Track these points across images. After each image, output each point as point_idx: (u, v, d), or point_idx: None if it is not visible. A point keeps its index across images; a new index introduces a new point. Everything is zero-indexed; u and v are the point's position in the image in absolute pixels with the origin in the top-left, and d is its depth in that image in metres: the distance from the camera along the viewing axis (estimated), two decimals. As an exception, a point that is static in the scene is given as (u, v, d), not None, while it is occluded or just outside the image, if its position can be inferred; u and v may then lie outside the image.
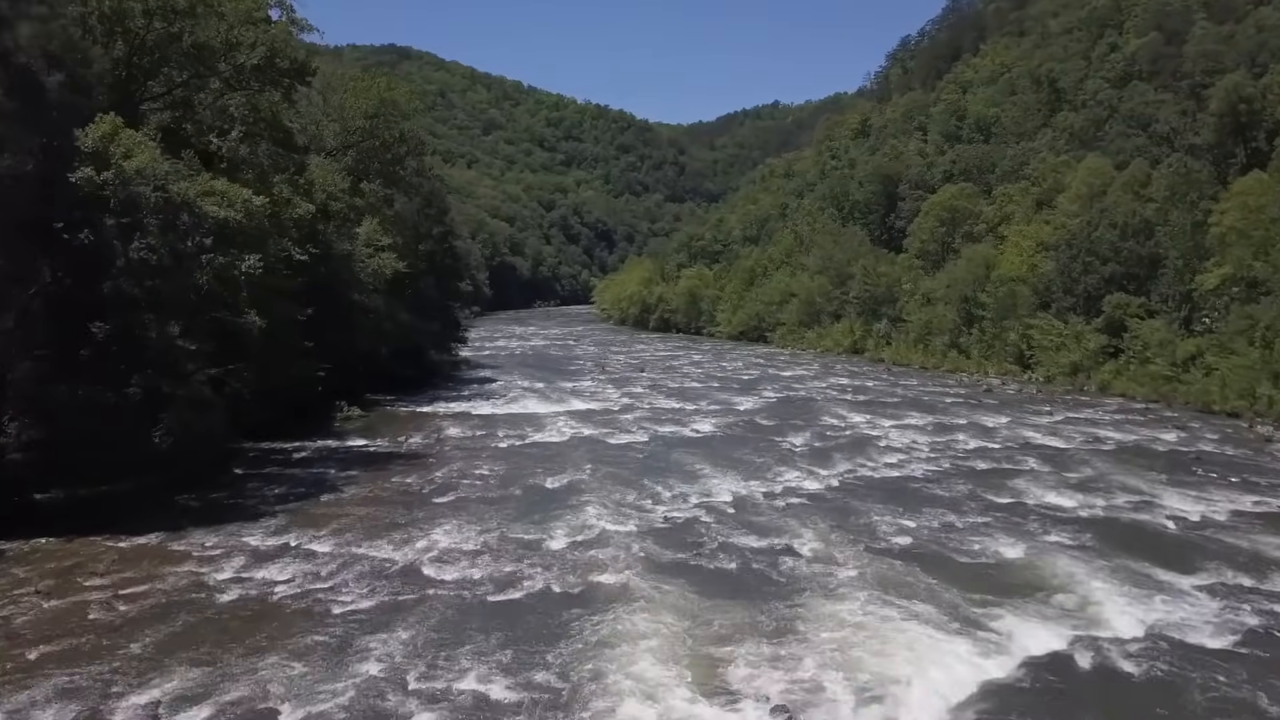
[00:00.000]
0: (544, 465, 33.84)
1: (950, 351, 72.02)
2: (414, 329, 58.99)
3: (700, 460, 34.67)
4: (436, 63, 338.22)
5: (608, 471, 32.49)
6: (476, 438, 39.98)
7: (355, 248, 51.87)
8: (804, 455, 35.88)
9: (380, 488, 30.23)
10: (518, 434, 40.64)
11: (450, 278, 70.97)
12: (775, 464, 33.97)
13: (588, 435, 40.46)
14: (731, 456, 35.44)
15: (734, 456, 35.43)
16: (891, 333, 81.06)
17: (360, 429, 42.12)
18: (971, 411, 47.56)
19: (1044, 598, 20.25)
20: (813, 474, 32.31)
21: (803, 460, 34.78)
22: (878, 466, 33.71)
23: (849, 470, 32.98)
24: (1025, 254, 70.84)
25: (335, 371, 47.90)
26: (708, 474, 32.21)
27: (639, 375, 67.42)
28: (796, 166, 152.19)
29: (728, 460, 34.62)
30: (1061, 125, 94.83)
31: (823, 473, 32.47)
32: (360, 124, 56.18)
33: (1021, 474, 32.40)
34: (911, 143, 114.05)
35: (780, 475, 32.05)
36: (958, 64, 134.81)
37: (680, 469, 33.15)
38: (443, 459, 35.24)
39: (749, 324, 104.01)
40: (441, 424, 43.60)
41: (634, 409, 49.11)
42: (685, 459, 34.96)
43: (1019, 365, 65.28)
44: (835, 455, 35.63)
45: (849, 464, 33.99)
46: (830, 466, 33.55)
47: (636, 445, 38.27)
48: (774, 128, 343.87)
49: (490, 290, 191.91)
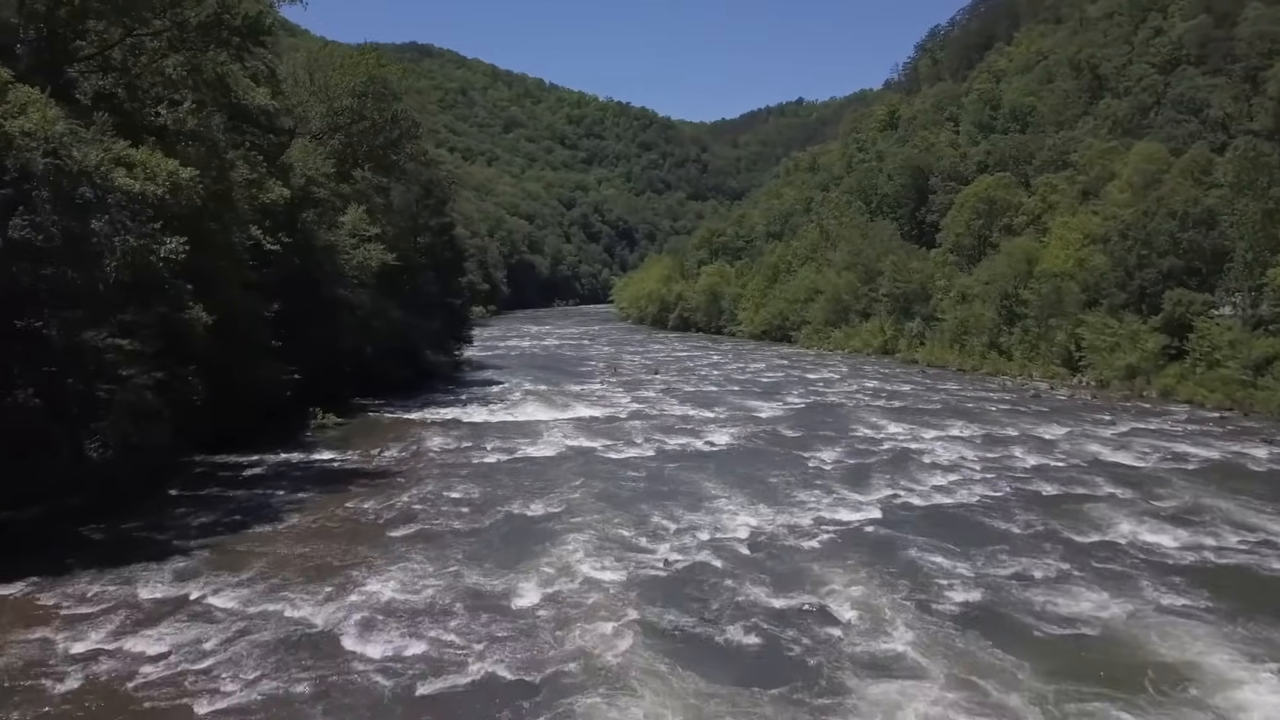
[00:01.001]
0: (530, 486, 28.85)
1: (990, 352, 66.76)
2: (408, 327, 54.26)
3: (713, 481, 29.57)
4: (458, 60, 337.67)
5: (603, 495, 27.48)
6: (461, 450, 35.05)
7: (339, 238, 47.15)
8: (835, 475, 30.66)
9: (330, 515, 25.34)
10: (508, 446, 35.69)
11: (452, 273, 66.14)
12: (802, 486, 28.82)
13: (586, 448, 35.43)
14: (750, 476, 30.31)
15: (753, 476, 30.30)
16: (925, 332, 75.99)
17: (333, 439, 37.29)
18: (1022, 420, 42.23)
19: (1166, 688, 15.06)
20: (847, 500, 27.12)
21: (834, 481, 29.57)
22: (924, 490, 28.39)
23: (890, 495, 27.72)
24: (1071, 247, 65.43)
25: (316, 373, 43.65)
26: (721, 499, 27.08)
27: (652, 378, 62.39)
28: (822, 160, 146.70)
29: (746, 481, 29.50)
30: (1104, 113, 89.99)
31: (859, 499, 27.25)
32: (347, 104, 51.38)
33: (1098, 501, 27.07)
34: (943, 134, 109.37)
35: (808, 502, 26.86)
36: (990, 53, 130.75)
37: (689, 492, 28.04)
38: (414, 478, 30.29)
39: (772, 323, 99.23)
40: (425, 433, 38.72)
41: (643, 416, 44.08)
42: (696, 479, 29.87)
43: (1067, 368, 59.87)
44: (873, 475, 30.40)
45: (890, 487, 28.75)
46: (867, 490, 28.34)
47: (641, 461, 33.19)
48: (798, 125, 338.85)
49: (508, 289, 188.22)
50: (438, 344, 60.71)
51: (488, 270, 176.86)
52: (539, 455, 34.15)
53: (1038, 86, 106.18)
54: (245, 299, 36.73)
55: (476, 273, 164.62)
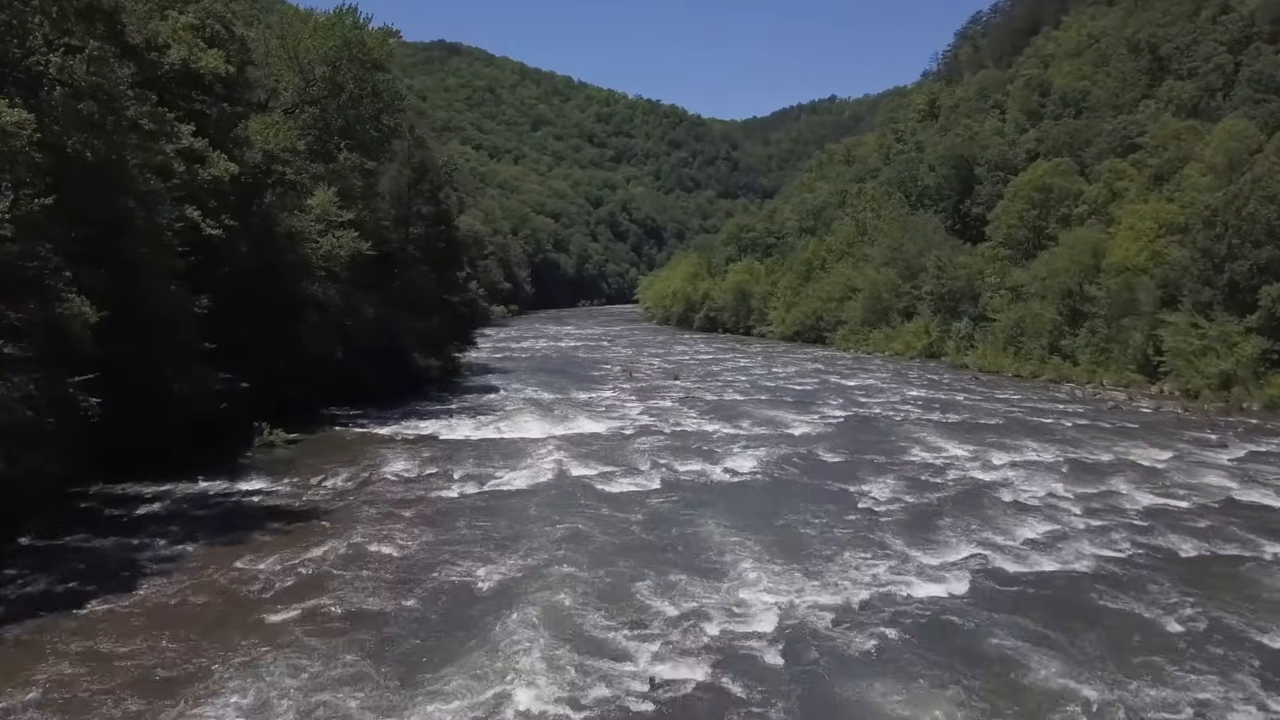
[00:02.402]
0: (489, 537, 22.05)
1: (1051, 356, 59.35)
2: (392, 327, 47.70)
3: (732, 530, 22.61)
4: (486, 58, 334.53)
5: (582, 554, 20.63)
6: (422, 480, 28.34)
7: (305, 224, 40.71)
8: (892, 522, 23.58)
9: (207, 581, 18.69)
10: (482, 473, 28.96)
11: (449, 267, 59.50)
12: (848, 541, 21.79)
13: (577, 478, 28.56)
14: (780, 524, 23.34)
15: (784, 524, 23.33)
16: (974, 334, 68.48)
17: (272, 462, 30.71)
18: (1109, 440, 34.98)
19: None
20: (911, 563, 20.05)
21: (891, 533, 22.50)
22: (1016, 548, 21.19)
23: (971, 557, 20.55)
24: (1145, 238, 57.90)
25: (272, 381, 37.40)
26: (741, 562, 20.08)
27: (671, 384, 55.50)
28: (857, 151, 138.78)
29: (774, 532, 22.53)
30: (1166, 95, 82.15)
31: (928, 562, 20.16)
32: (321, 73, 44.94)
33: (1263, 564, 19.87)
34: (988, 122, 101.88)
35: (858, 567, 19.79)
36: (1036, 38, 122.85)
37: (698, 550, 21.09)
38: (346, 521, 23.55)
39: (805, 323, 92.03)
40: (389, 454, 32.05)
41: (653, 432, 37.24)
42: (709, 528, 22.92)
43: (1143, 374, 52.42)
44: (941, 523, 23.29)
45: (967, 542, 21.61)
46: (937, 547, 21.23)
47: (641, 498, 26.27)
48: (831, 122, 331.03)
49: (531, 288, 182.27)
50: (432, 346, 54.00)
51: (510, 269, 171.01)
52: (516, 488, 27.32)
53: (1091, 70, 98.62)
54: (171, 292, 30.35)
55: (497, 271, 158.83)
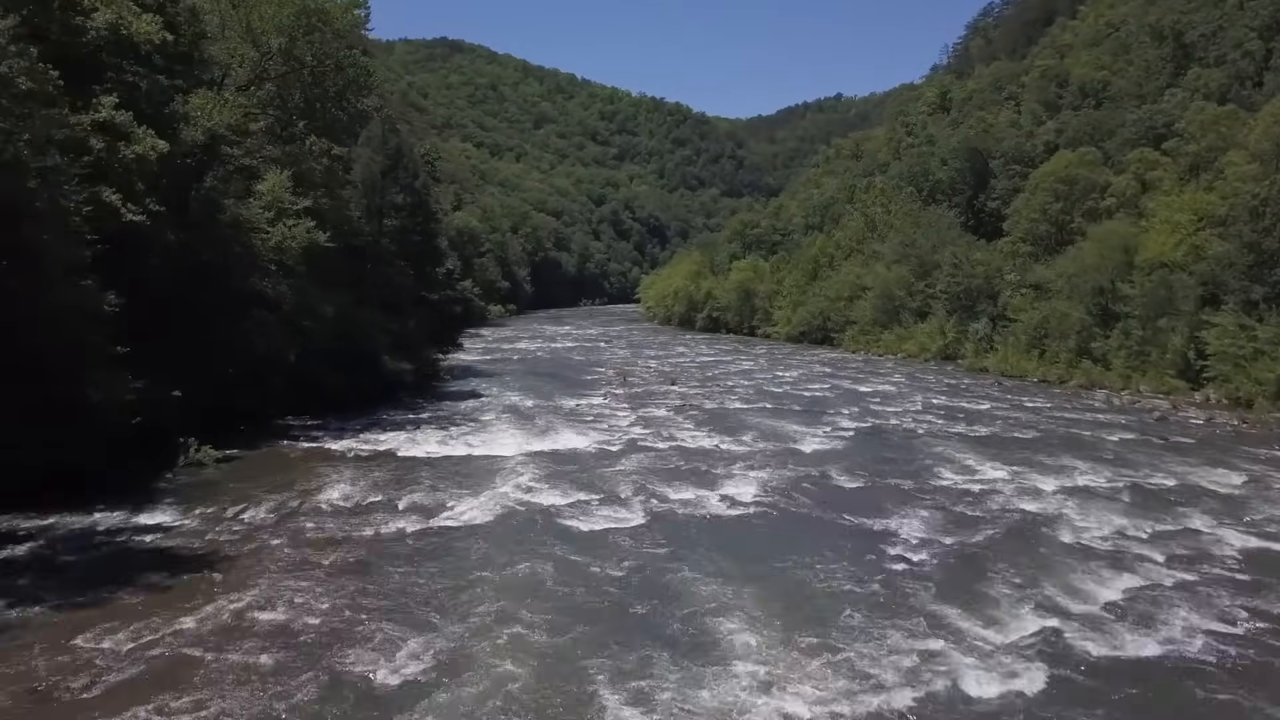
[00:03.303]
0: (419, 595, 17.46)
1: (1080, 360, 54.65)
2: (360, 327, 43.23)
3: (727, 586, 17.95)
4: (489, 55, 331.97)
5: (530, 625, 15.98)
6: (360, 510, 23.76)
7: (253, 211, 36.24)
8: (930, 574, 18.81)
9: (17, 670, 14.10)
10: (434, 503, 24.41)
11: (428, 262, 54.99)
12: (877, 603, 17.09)
13: (546, 509, 23.95)
14: (788, 579, 18.64)
15: (793, 579, 18.61)
16: (993, 335, 63.82)
17: (193, 486, 26.17)
18: (1166, 459, 30.36)
19: None
20: (965, 642, 15.30)
21: (931, 590, 17.75)
22: (1096, 616, 16.35)
23: (1042, 631, 15.65)
24: (1182, 231, 53.37)
25: (219, 387, 33.32)
26: (736, 638, 15.42)
27: (668, 390, 50.93)
28: (866, 146, 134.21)
29: (780, 589, 17.89)
30: (1193, 84, 77.62)
31: (986, 638, 15.41)
32: (278, 44, 40.45)
33: None
34: (1002, 114, 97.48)
35: (894, 646, 15.07)
36: (1051, 28, 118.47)
37: (682, 618, 16.40)
38: (246, 571, 18.93)
39: (811, 323, 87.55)
40: (332, 476, 27.51)
41: (643, 449, 32.67)
42: (699, 583, 18.26)
43: (1184, 380, 47.81)
44: (993, 576, 18.56)
45: (1032, 606, 16.82)
46: (994, 614, 16.47)
47: (619, 537, 21.62)
48: (837, 120, 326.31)
49: (531, 287, 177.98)
50: (407, 348, 49.37)
51: (509, 267, 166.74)
52: (469, 521, 22.71)
53: (1111, 60, 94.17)
54: (78, 287, 25.96)
55: (494, 269, 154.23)
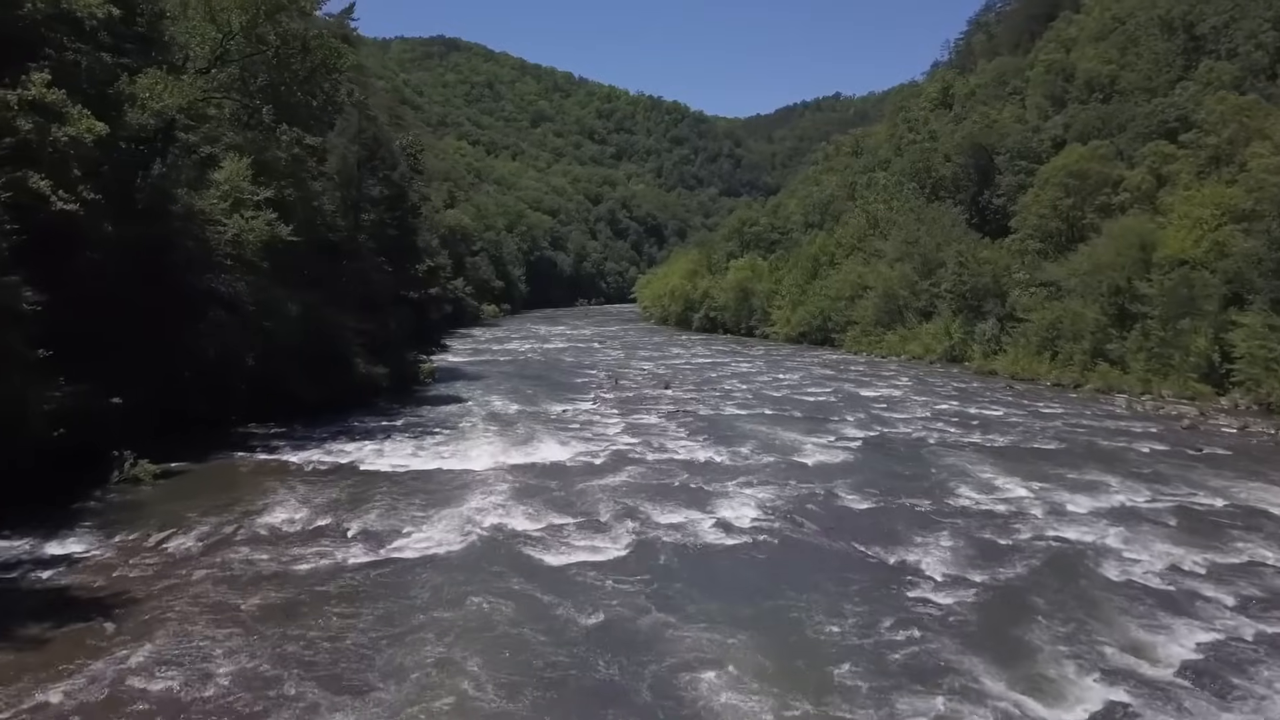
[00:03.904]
0: (351, 648, 14.62)
1: (1095, 363, 51.79)
2: (329, 328, 40.39)
3: (718, 637, 15.01)
4: (486, 54, 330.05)
5: (479, 686, 13.14)
6: (303, 537, 20.87)
7: (207, 201, 33.36)
8: (962, 622, 15.89)
9: None
10: (388, 528, 21.53)
11: (408, 259, 52.08)
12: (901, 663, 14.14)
13: (516, 535, 21.05)
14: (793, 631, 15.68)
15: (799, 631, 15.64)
16: (1000, 336, 61.04)
17: (123, 506, 23.30)
18: (1206, 474, 27.53)
19: None
20: (1002, 710, 12.46)
21: (966, 644, 14.80)
22: (1170, 683, 13.34)
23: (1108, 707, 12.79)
24: (1203, 227, 50.70)
25: (172, 393, 30.88)
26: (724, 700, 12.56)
27: (660, 394, 48.12)
28: (866, 142, 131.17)
29: (783, 644, 14.96)
30: (1205, 77, 74.99)
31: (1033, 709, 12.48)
32: (239, 22, 37.55)
33: None
34: (1007, 109, 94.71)
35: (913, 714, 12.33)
36: (1056, 22, 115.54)
37: (659, 676, 13.48)
38: (152, 616, 16.06)
39: (811, 324, 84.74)
40: (281, 495, 24.63)
41: (630, 461, 29.83)
42: (683, 630, 15.33)
43: (1208, 384, 45.05)
44: (1037, 625, 15.59)
45: (1087, 666, 13.88)
46: (1043, 675, 13.56)
47: (595, 573, 18.71)
48: (835, 119, 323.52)
49: (526, 287, 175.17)
50: (384, 350, 46.43)
51: (503, 266, 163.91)
52: (424, 552, 19.80)
53: (1118, 54, 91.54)
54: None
55: (488, 268, 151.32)
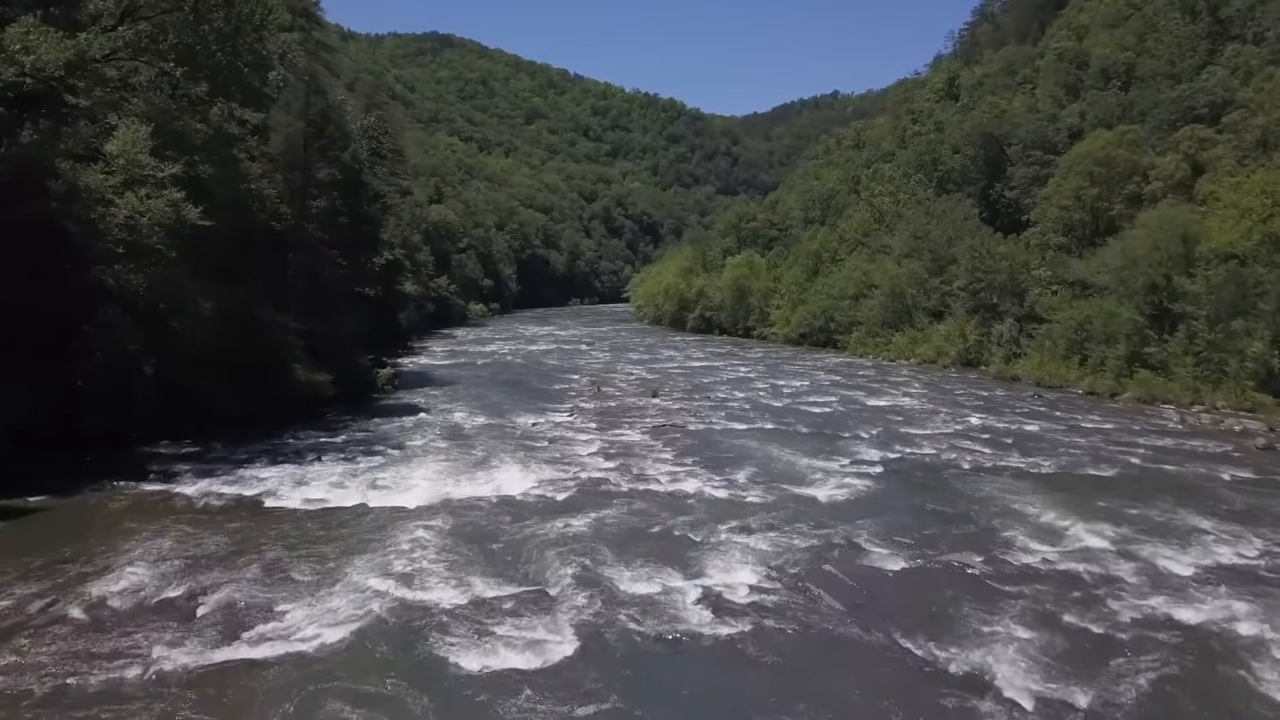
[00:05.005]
0: None
1: (1133, 368, 46.21)
2: (257, 328, 34.84)
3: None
4: (480, 50, 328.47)
5: None
6: (134, 616, 15.27)
7: (92, 176, 27.71)
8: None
9: None
10: (257, 602, 15.91)
11: (365, 251, 46.41)
12: None
13: (429, 615, 15.36)
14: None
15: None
16: (1019, 338, 55.59)
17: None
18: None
19: None
20: None
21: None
22: None
23: None
24: (1254, 217, 45.28)
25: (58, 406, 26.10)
26: None
27: (647, 404, 42.58)
28: (868, 135, 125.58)
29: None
30: (1231, 62, 69.86)
31: None
32: (149, -31, 31.95)
33: None
34: (1017, 99, 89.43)
35: None
36: (1066, 9, 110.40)
37: None
38: None
39: (813, 324, 79.26)
40: (138, 549, 18.99)
41: (602, 495, 24.27)
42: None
43: (1268, 393, 39.61)
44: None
45: None
46: None
47: (526, 692, 13.06)
48: (833, 117, 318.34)
49: (517, 285, 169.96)
50: (334, 354, 40.79)
51: (493, 264, 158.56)
52: (292, 648, 14.07)
53: (1135, 40, 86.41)
54: None
55: (475, 266, 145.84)
